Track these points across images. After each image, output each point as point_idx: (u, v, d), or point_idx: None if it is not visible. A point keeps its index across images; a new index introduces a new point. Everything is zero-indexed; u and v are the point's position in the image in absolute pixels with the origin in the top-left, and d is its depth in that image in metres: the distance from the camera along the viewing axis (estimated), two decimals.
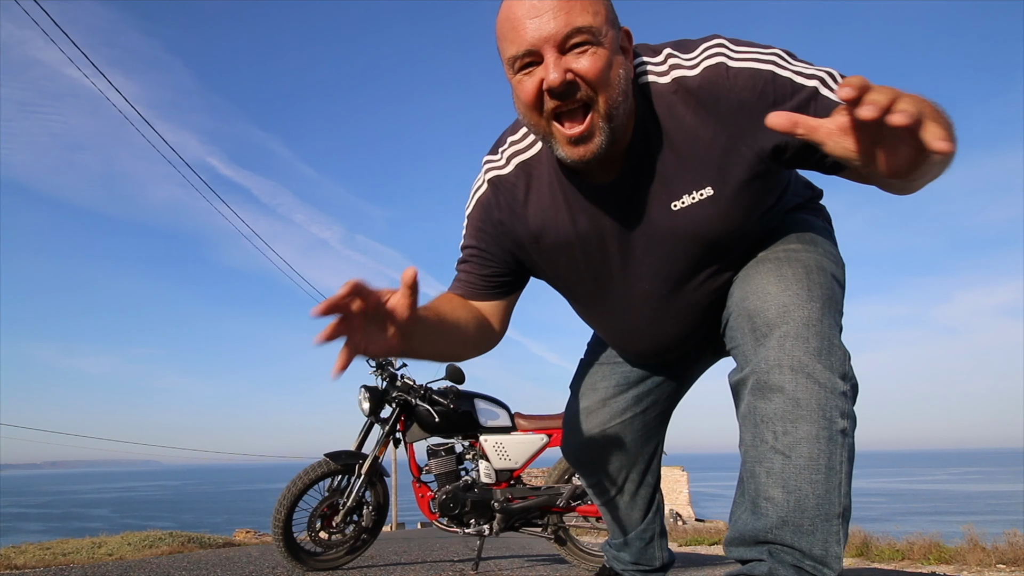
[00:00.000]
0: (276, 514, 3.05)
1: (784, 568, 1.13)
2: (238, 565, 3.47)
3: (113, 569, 3.27)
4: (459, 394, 3.38)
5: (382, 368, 3.48)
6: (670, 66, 1.18)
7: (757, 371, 1.15)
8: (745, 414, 1.19)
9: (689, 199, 1.20)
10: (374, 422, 3.39)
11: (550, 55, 1.07)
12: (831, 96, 1.11)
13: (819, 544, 1.11)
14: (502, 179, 1.33)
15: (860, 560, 5.17)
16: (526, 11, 1.07)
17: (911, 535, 5.57)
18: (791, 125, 0.88)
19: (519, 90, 1.12)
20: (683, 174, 1.20)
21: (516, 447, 3.40)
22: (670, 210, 1.22)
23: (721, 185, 1.19)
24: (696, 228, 1.22)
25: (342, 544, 3.21)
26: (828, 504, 1.11)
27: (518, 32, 1.08)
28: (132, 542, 6.22)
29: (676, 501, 32.69)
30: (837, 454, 1.11)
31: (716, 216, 1.21)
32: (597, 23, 1.07)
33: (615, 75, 1.10)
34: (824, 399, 1.11)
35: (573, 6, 1.06)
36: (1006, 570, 4.20)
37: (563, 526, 3.38)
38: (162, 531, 7.38)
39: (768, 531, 1.14)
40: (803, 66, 1.14)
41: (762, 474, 1.14)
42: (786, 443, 1.11)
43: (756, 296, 1.20)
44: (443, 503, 3.26)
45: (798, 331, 1.13)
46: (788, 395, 1.11)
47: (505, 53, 1.12)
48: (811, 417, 1.10)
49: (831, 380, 1.12)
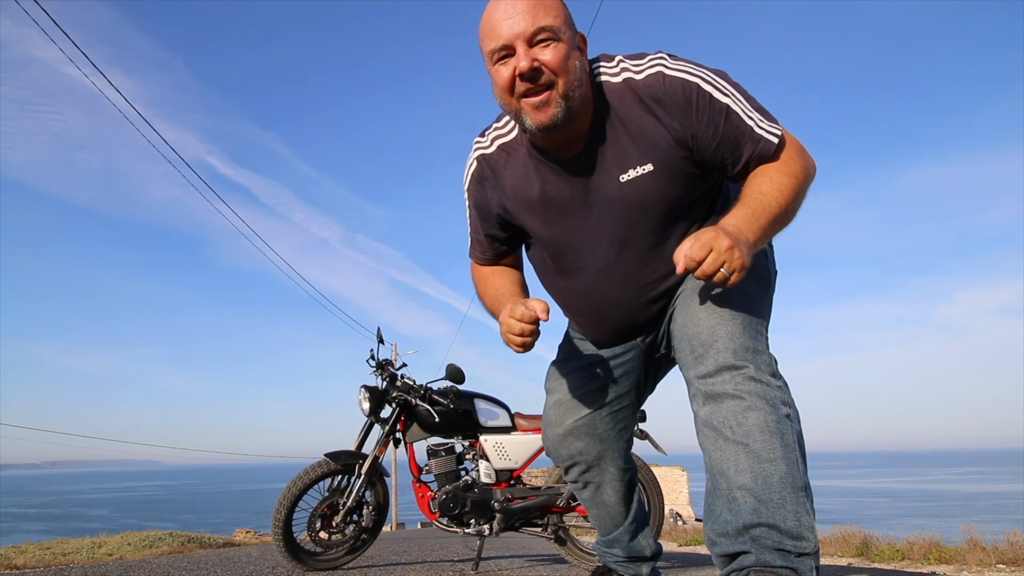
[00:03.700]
0: (276, 514, 3.04)
1: (768, 553, 1.28)
2: (238, 565, 3.47)
3: (113, 569, 3.27)
4: (459, 394, 3.38)
5: (382, 368, 3.47)
6: (621, 69, 1.51)
7: (702, 386, 1.41)
8: (702, 426, 1.40)
9: (634, 172, 1.49)
10: (374, 422, 3.38)
11: (520, 48, 1.39)
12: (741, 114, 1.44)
13: (791, 516, 1.28)
14: (487, 156, 1.65)
15: (860, 560, 5.17)
16: (502, 14, 1.40)
17: (911, 535, 5.58)
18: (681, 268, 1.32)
19: (496, 77, 1.44)
20: (630, 152, 1.49)
21: (516, 447, 3.40)
22: (619, 181, 1.51)
23: (658, 163, 1.48)
24: (639, 196, 1.51)
25: (342, 544, 3.20)
26: (791, 477, 1.30)
27: (495, 31, 1.40)
28: (132, 542, 6.22)
29: (676, 501, 32.65)
30: (789, 434, 1.33)
31: (655, 188, 1.50)
32: (557, 23, 1.40)
33: (572, 64, 1.41)
34: (763, 391, 1.35)
35: (539, 10, 1.39)
36: (1006, 570, 4.20)
37: (563, 526, 3.38)
38: (162, 531, 7.39)
39: (748, 515, 1.30)
40: (723, 85, 1.45)
41: (730, 469, 1.33)
42: (741, 433, 1.32)
43: (691, 323, 1.48)
44: (443, 503, 3.26)
45: (726, 345, 1.40)
46: (732, 395, 1.35)
47: (485, 48, 1.45)
48: (757, 405, 1.33)
49: (764, 377, 1.37)
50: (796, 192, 1.44)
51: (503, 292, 1.69)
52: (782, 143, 1.46)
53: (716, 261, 1.28)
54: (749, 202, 1.41)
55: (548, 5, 1.40)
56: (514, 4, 1.39)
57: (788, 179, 1.43)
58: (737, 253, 1.29)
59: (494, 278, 1.76)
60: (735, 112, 1.43)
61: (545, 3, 1.40)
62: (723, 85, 1.45)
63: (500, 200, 1.65)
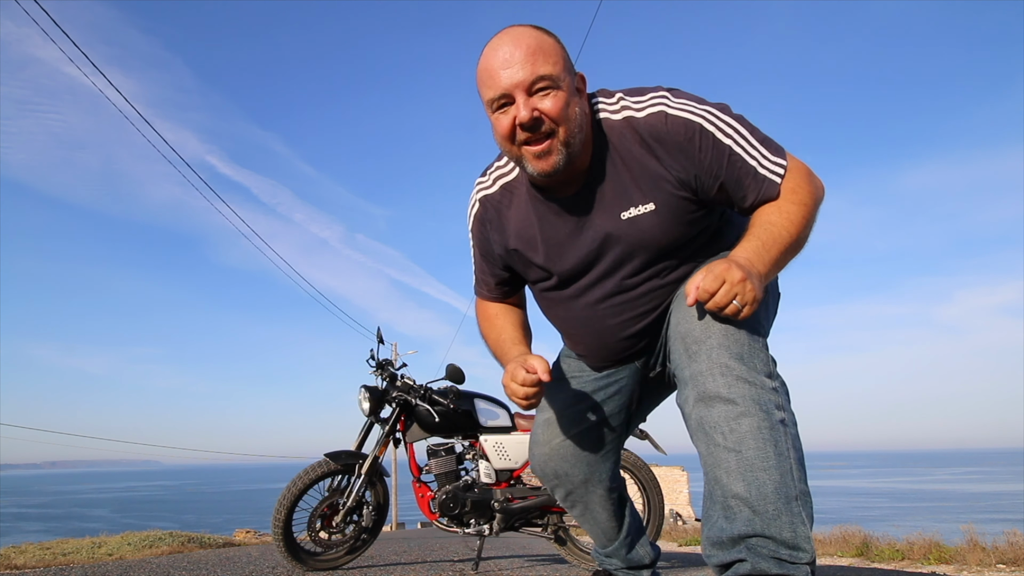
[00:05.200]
0: (276, 514, 3.04)
1: (764, 561, 1.26)
2: (238, 565, 3.47)
3: (113, 569, 3.27)
4: (459, 394, 3.38)
5: (382, 368, 3.47)
6: (621, 107, 1.48)
7: (695, 385, 1.36)
8: (695, 428, 1.36)
9: (635, 211, 1.48)
10: (374, 422, 3.38)
11: (520, 97, 1.38)
12: (744, 155, 1.42)
13: (787, 527, 1.25)
14: (489, 197, 1.66)
15: (860, 560, 5.18)
16: (500, 63, 1.38)
17: (911, 535, 5.58)
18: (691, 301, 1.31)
19: (497, 125, 1.44)
20: (631, 190, 1.48)
21: (516, 447, 3.40)
22: (620, 219, 1.49)
23: (660, 203, 1.46)
24: (640, 234, 1.49)
25: (342, 544, 3.21)
26: (785, 487, 1.26)
27: (494, 79, 1.39)
28: (132, 542, 6.22)
29: (676, 501, 32.65)
30: (782, 441, 1.28)
31: (657, 227, 1.48)
32: (556, 71, 1.38)
33: (572, 112, 1.40)
34: (756, 395, 1.30)
35: (537, 58, 1.37)
36: (1006, 570, 4.20)
37: (563, 526, 3.38)
38: (162, 531, 7.39)
39: (743, 526, 1.27)
40: (726, 124, 1.43)
41: (723, 476, 1.29)
42: (734, 440, 1.28)
43: (685, 321, 1.44)
44: (443, 503, 3.25)
45: (720, 341, 1.35)
46: (725, 398, 1.30)
47: (484, 96, 1.44)
48: (749, 412, 1.28)
49: (758, 378, 1.32)
50: (806, 220, 1.41)
51: (505, 338, 1.71)
52: (788, 172, 1.44)
53: (729, 293, 1.27)
54: (759, 233, 1.39)
55: (547, 52, 1.38)
56: (512, 52, 1.37)
57: (797, 208, 1.41)
58: (749, 285, 1.27)
59: (497, 320, 1.78)
60: (738, 154, 1.42)
61: (544, 50, 1.38)
62: (726, 124, 1.42)
63: (503, 241, 1.65)
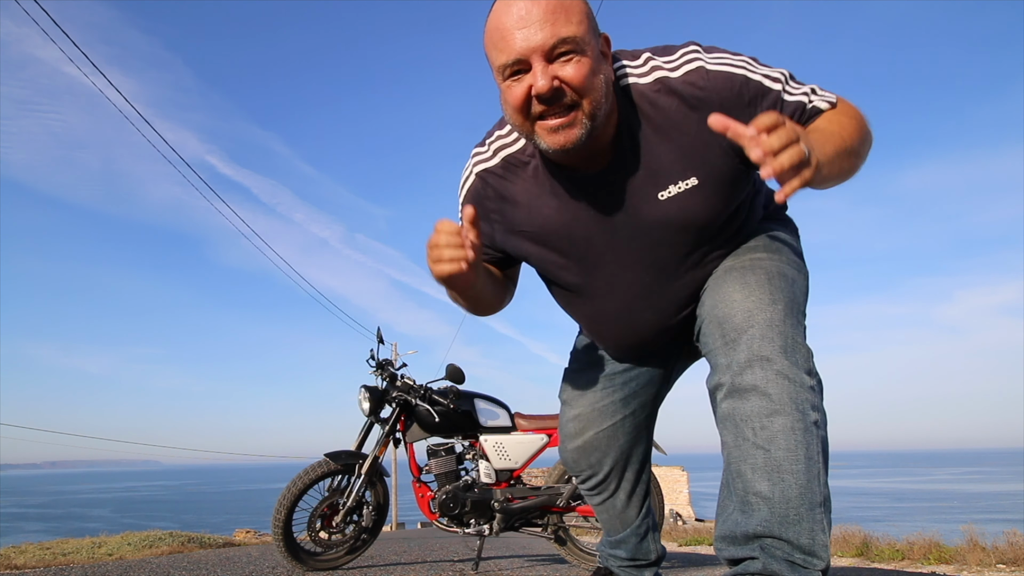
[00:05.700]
0: (276, 514, 3.04)
1: (777, 563, 1.18)
2: (238, 565, 3.47)
3: (113, 569, 3.27)
4: (459, 394, 3.38)
5: (382, 368, 3.48)
6: (651, 67, 1.28)
7: (731, 374, 1.24)
8: (724, 417, 1.26)
9: (676, 188, 1.30)
10: (374, 422, 3.38)
11: (538, 64, 1.15)
12: (795, 96, 1.27)
13: (806, 533, 1.17)
14: (489, 171, 1.41)
15: (860, 560, 5.17)
16: (515, 22, 1.15)
17: (911, 535, 5.58)
18: (723, 128, 1.03)
19: (508, 95, 1.21)
20: (670, 165, 1.29)
21: (516, 447, 3.41)
22: (657, 199, 1.31)
23: (705, 175, 1.29)
24: (683, 216, 1.32)
25: (342, 544, 3.21)
26: (810, 493, 1.18)
27: (507, 42, 1.16)
28: (132, 542, 6.22)
29: (676, 501, 32.65)
30: (814, 444, 1.19)
31: (700, 204, 1.31)
32: (581, 33, 1.16)
33: (598, 81, 1.19)
34: (794, 393, 1.19)
35: (559, 17, 1.14)
36: (1006, 570, 4.19)
37: (563, 526, 3.38)
38: (162, 531, 7.38)
39: (759, 525, 1.19)
40: (768, 70, 1.27)
41: (747, 471, 1.21)
42: (764, 437, 1.19)
43: (724, 304, 1.30)
44: (443, 503, 3.26)
45: (763, 332, 1.23)
46: (761, 392, 1.20)
47: (495, 61, 1.20)
48: (784, 410, 1.19)
49: (798, 375, 1.21)
50: (860, 134, 1.25)
51: None
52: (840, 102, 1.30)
53: (798, 152, 1.00)
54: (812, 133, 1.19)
55: (570, 9, 1.16)
56: (529, 9, 1.14)
57: (849, 119, 1.25)
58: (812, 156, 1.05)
59: None
60: (788, 96, 1.27)
61: (566, 7, 1.16)
62: (768, 69, 1.27)
63: (507, 224, 1.43)
